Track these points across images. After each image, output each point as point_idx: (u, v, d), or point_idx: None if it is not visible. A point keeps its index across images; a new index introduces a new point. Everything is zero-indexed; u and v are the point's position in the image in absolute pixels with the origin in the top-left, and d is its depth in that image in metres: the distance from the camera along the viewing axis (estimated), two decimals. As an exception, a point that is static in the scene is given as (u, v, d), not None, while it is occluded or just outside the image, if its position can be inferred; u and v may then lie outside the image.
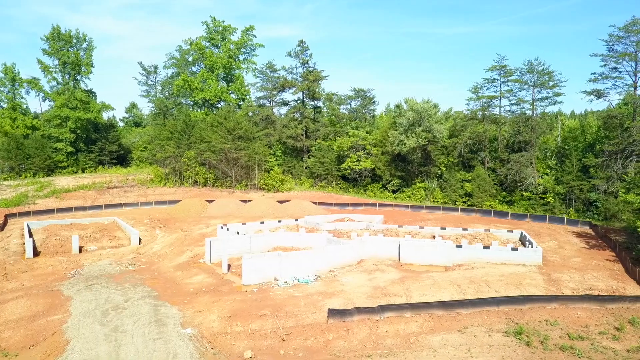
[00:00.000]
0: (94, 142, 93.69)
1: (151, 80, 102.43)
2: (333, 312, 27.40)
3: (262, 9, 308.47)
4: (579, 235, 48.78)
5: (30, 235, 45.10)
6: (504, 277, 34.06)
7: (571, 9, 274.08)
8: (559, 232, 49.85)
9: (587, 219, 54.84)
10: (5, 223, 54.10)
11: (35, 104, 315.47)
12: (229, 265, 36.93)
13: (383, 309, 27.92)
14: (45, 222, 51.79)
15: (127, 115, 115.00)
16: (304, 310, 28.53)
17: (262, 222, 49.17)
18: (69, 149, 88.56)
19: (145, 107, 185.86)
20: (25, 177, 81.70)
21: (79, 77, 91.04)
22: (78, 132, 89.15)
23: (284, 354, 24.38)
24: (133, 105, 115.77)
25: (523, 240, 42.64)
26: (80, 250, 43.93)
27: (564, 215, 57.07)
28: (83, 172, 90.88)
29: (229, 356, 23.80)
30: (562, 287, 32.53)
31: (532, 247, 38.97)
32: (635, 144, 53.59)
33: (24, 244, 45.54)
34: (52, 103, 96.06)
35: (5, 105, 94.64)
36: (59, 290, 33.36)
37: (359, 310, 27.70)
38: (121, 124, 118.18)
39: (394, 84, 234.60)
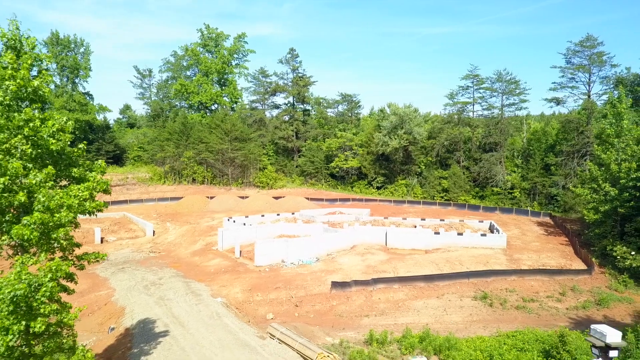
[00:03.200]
0: (91, 142, 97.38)
1: (146, 83, 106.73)
2: (335, 284, 33.54)
3: (240, 8, 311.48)
4: (540, 224, 56.12)
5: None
6: (474, 257, 40.79)
7: (546, 10, 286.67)
8: (523, 222, 57.12)
9: (548, 211, 62.34)
10: (22, 218, 58.41)
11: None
12: (240, 251, 42.66)
13: (376, 281, 34.23)
14: (63, 217, 56.32)
15: (121, 117, 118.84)
16: (310, 283, 34.60)
17: (262, 216, 54.84)
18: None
19: (140, 109, 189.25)
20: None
21: (77, 80, 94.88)
22: (76, 132, 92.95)
23: (298, 316, 30.42)
24: (127, 107, 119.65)
25: (492, 229, 49.50)
26: (101, 241, 48.92)
27: (529, 208, 64.59)
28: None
29: (254, 317, 29.70)
30: (520, 264, 39.47)
31: (498, 233, 45.88)
32: (589, 145, 61.33)
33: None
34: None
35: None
36: (94, 273, 38.52)
37: (356, 282, 33.90)
38: (111, 123, 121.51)
39: (375, 84, 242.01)
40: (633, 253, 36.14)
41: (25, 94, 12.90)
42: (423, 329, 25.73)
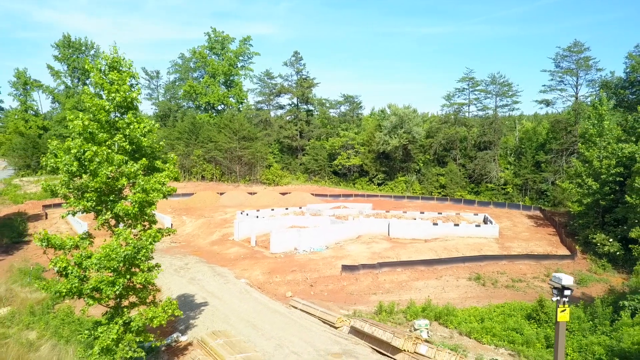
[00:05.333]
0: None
1: (154, 84, 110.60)
2: (345, 267, 37.54)
3: (237, 7, 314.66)
4: (530, 217, 60.33)
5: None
6: (469, 245, 44.90)
7: (540, 11, 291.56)
8: (515, 215, 61.34)
9: (539, 205, 66.59)
10: (45, 213, 62.10)
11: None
12: (255, 241, 46.61)
13: (381, 265, 38.26)
14: (85, 211, 60.04)
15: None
16: (322, 267, 38.58)
17: (272, 210, 58.77)
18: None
19: (148, 109, 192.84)
20: (41, 173, 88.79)
21: (87, 82, 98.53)
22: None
23: (314, 294, 34.39)
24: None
25: (486, 221, 53.59)
26: (124, 233, 52.65)
27: (520, 202, 68.85)
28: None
29: (275, 295, 33.67)
30: (511, 251, 43.60)
31: (491, 225, 50.02)
32: (576, 143, 65.61)
33: (71, 229, 54.14)
34: (54, 105, 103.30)
35: (11, 108, 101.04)
36: (124, 260, 42.36)
37: (364, 266, 37.91)
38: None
39: (375, 84, 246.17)
40: (611, 240, 40.34)
41: (125, 103, 16.82)
42: (425, 302, 29.79)
